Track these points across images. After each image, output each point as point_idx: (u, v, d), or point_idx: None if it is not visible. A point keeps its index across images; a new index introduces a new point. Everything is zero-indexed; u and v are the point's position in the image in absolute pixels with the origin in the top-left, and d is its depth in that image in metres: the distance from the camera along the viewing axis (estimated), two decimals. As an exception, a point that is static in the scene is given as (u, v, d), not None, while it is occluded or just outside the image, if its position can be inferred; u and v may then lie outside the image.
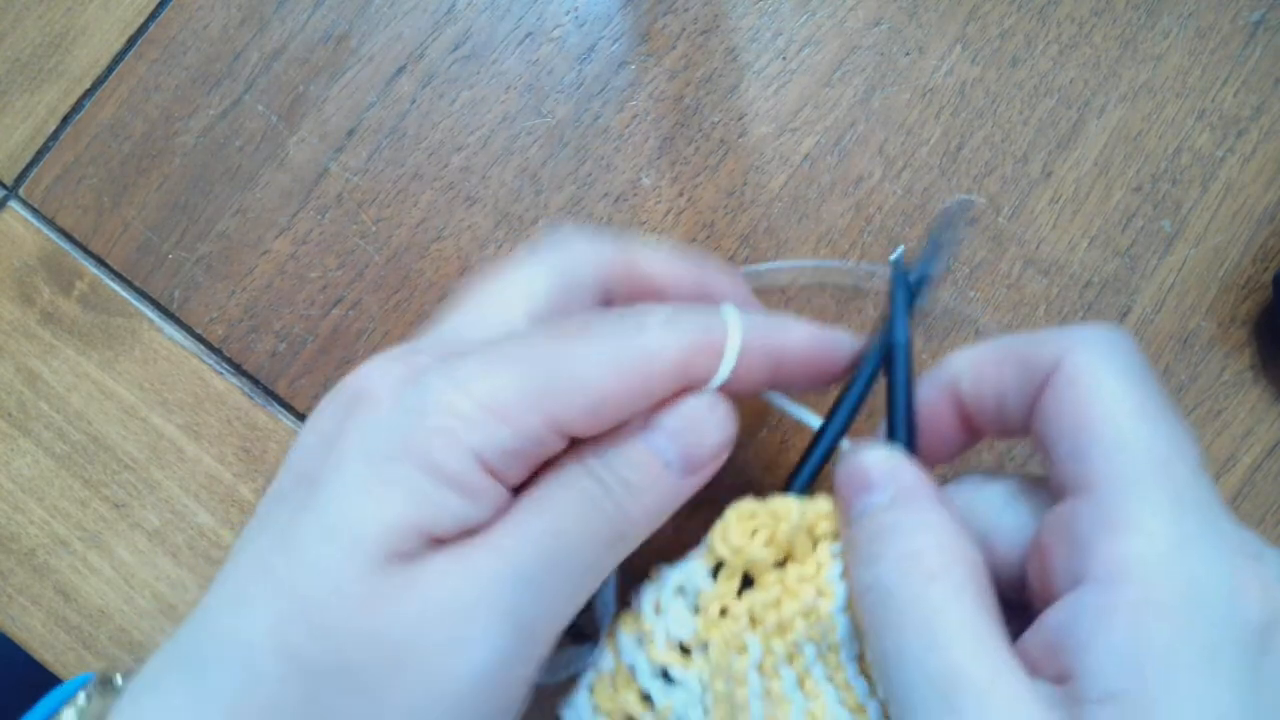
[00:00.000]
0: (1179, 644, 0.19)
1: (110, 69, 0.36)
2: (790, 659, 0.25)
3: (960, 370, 0.25)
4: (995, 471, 0.25)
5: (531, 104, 0.35)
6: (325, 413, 0.23)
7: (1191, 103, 0.34)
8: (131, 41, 0.36)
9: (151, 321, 0.35)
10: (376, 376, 0.23)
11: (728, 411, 0.25)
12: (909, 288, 0.27)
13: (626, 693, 0.26)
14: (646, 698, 0.26)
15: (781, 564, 0.25)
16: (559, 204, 0.34)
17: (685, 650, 0.25)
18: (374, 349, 0.34)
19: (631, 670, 0.26)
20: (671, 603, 0.25)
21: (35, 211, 0.35)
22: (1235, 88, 0.35)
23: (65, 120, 0.36)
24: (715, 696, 0.25)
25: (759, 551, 0.24)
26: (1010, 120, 0.35)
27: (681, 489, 0.24)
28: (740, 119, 0.35)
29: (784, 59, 0.35)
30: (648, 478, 0.24)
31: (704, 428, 0.24)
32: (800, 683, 0.25)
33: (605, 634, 0.26)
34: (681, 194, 0.35)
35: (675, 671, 0.25)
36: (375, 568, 0.21)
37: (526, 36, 0.35)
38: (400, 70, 0.35)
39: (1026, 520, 0.24)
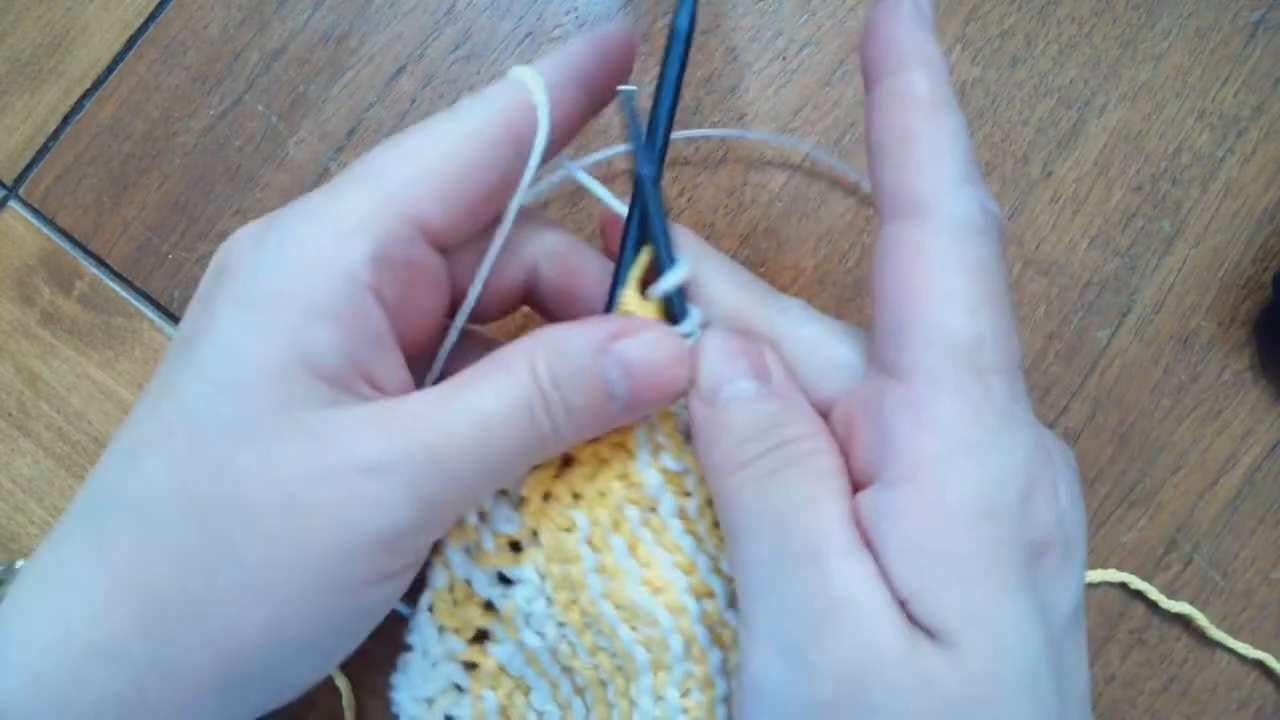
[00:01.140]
0: (968, 551, 0.20)
1: (110, 69, 0.36)
2: (616, 526, 0.25)
3: None
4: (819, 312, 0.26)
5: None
6: (201, 285, 0.24)
7: (1191, 103, 0.34)
8: (131, 41, 0.36)
9: (151, 321, 0.35)
10: (238, 238, 0.24)
11: (691, 358, 0.24)
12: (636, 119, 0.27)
13: (468, 606, 0.26)
14: (489, 605, 0.26)
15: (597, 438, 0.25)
16: (559, 204, 0.34)
17: (516, 547, 0.25)
18: (374, 349, 0.34)
19: (468, 583, 0.26)
20: (493, 505, 0.25)
21: (35, 211, 0.35)
22: (1235, 88, 0.35)
23: (65, 120, 0.36)
24: (555, 583, 0.25)
25: None
26: (1010, 120, 0.35)
27: (618, 420, 0.24)
28: (740, 119, 0.35)
29: (784, 59, 0.35)
30: (592, 405, 0.23)
31: (664, 372, 0.24)
32: (631, 550, 0.25)
33: (432, 552, 0.26)
34: (681, 194, 0.35)
35: (510, 571, 0.25)
36: (273, 409, 0.21)
37: (526, 36, 0.35)
38: (400, 70, 0.35)
39: (845, 375, 0.24)
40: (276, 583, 0.21)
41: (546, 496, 0.26)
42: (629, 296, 0.25)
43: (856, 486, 0.22)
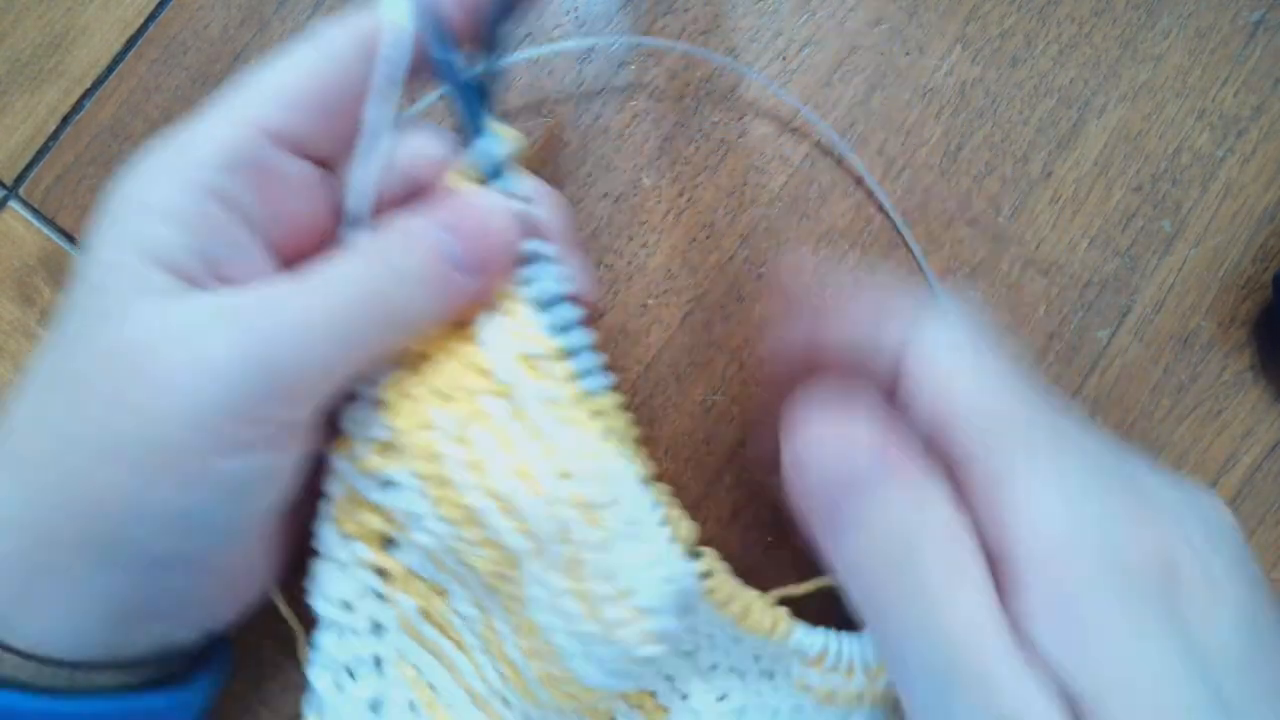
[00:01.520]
0: (1109, 619, 0.19)
1: (110, 69, 0.36)
2: (478, 418, 0.25)
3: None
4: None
5: (531, 104, 0.35)
6: None
7: (1191, 103, 0.35)
8: (131, 41, 0.36)
9: (151, 321, 0.35)
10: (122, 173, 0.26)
11: (516, 213, 0.26)
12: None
13: (363, 512, 0.27)
14: (382, 510, 0.27)
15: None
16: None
17: (389, 448, 0.26)
18: (374, 349, 0.34)
19: (357, 489, 0.27)
20: (364, 411, 0.26)
21: (35, 211, 0.35)
22: (1235, 88, 0.35)
23: (65, 120, 0.36)
24: (428, 482, 0.25)
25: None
26: (1010, 120, 0.35)
27: (466, 287, 0.25)
28: (740, 119, 0.35)
29: (784, 59, 0.35)
30: (428, 271, 0.25)
31: (491, 226, 0.25)
32: (500, 447, 0.25)
33: (328, 464, 0.27)
34: (681, 194, 0.35)
35: (387, 474, 0.26)
36: (122, 296, 0.23)
37: (526, 36, 0.35)
38: (400, 70, 0.35)
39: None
40: (129, 445, 0.22)
41: (407, 398, 0.26)
42: (455, 179, 0.26)
43: None
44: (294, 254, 0.26)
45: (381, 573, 0.28)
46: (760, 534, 0.33)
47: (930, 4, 0.35)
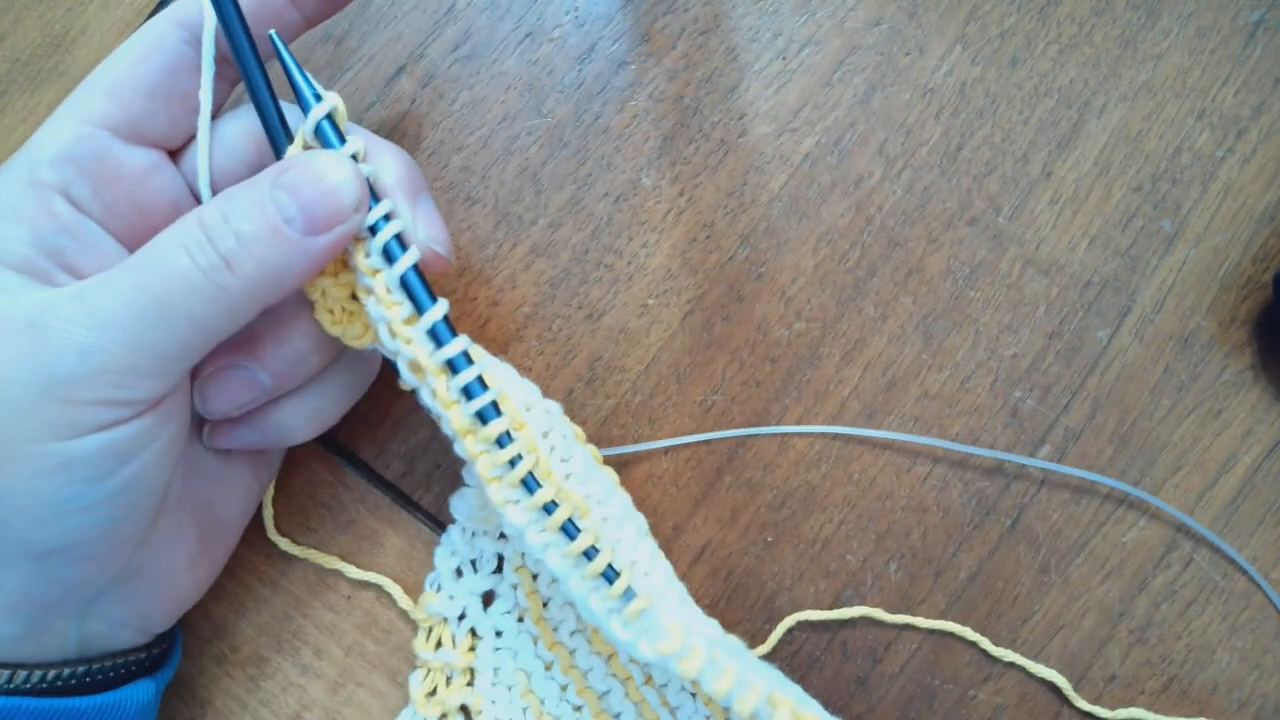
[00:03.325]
0: None
1: (110, 69, 0.36)
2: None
3: None
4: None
5: (531, 104, 0.35)
6: None
7: (1191, 103, 0.34)
8: (131, 41, 0.36)
9: (151, 321, 0.35)
10: None
11: (355, 171, 0.26)
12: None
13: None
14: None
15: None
16: (559, 204, 0.34)
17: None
18: (374, 349, 0.34)
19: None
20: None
21: (35, 211, 0.35)
22: (1235, 88, 0.35)
23: (65, 120, 0.36)
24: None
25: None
26: (1010, 120, 0.35)
27: (309, 250, 0.25)
28: (740, 119, 0.35)
29: (784, 59, 0.35)
30: (263, 232, 0.24)
31: (327, 183, 0.25)
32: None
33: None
34: (681, 194, 0.35)
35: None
36: None
37: (526, 36, 0.35)
38: (400, 70, 0.35)
39: None
40: None
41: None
42: (293, 149, 0.26)
43: None
44: (148, 239, 0.26)
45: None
46: (760, 534, 0.33)
47: (930, 4, 0.35)
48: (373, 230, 0.26)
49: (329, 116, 0.26)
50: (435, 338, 0.26)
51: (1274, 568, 0.33)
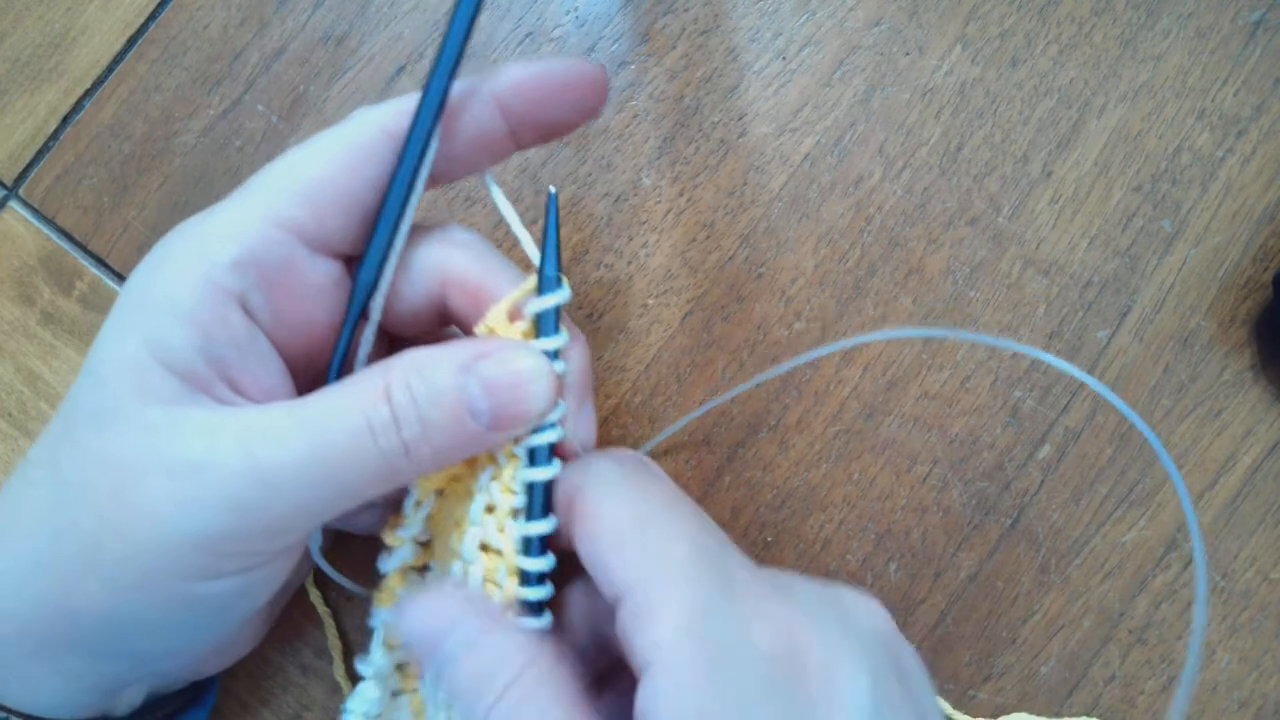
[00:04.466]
0: (709, 700, 0.20)
1: (110, 69, 0.36)
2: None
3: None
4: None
5: (531, 104, 0.35)
6: None
7: (1191, 103, 0.34)
8: (131, 41, 0.36)
9: (151, 321, 0.35)
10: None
11: (554, 378, 0.25)
12: None
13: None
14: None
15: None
16: (559, 204, 0.34)
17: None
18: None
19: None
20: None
21: (35, 211, 0.35)
22: (1235, 88, 0.35)
23: (65, 120, 0.36)
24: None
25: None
26: (1010, 120, 0.35)
27: (485, 442, 0.24)
28: (740, 119, 0.35)
29: (784, 59, 0.35)
30: (451, 423, 0.23)
31: (526, 389, 0.24)
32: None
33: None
34: (681, 194, 0.35)
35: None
36: (124, 398, 0.22)
37: (526, 36, 0.35)
38: (400, 70, 0.35)
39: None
40: (109, 561, 0.22)
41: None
42: (496, 317, 0.25)
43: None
44: (312, 353, 0.25)
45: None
46: (760, 534, 0.33)
47: (930, 4, 0.35)
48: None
49: (557, 306, 0.25)
50: (527, 547, 0.25)
51: (1274, 568, 0.33)
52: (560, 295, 0.25)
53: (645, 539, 0.23)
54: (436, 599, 0.24)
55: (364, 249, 0.25)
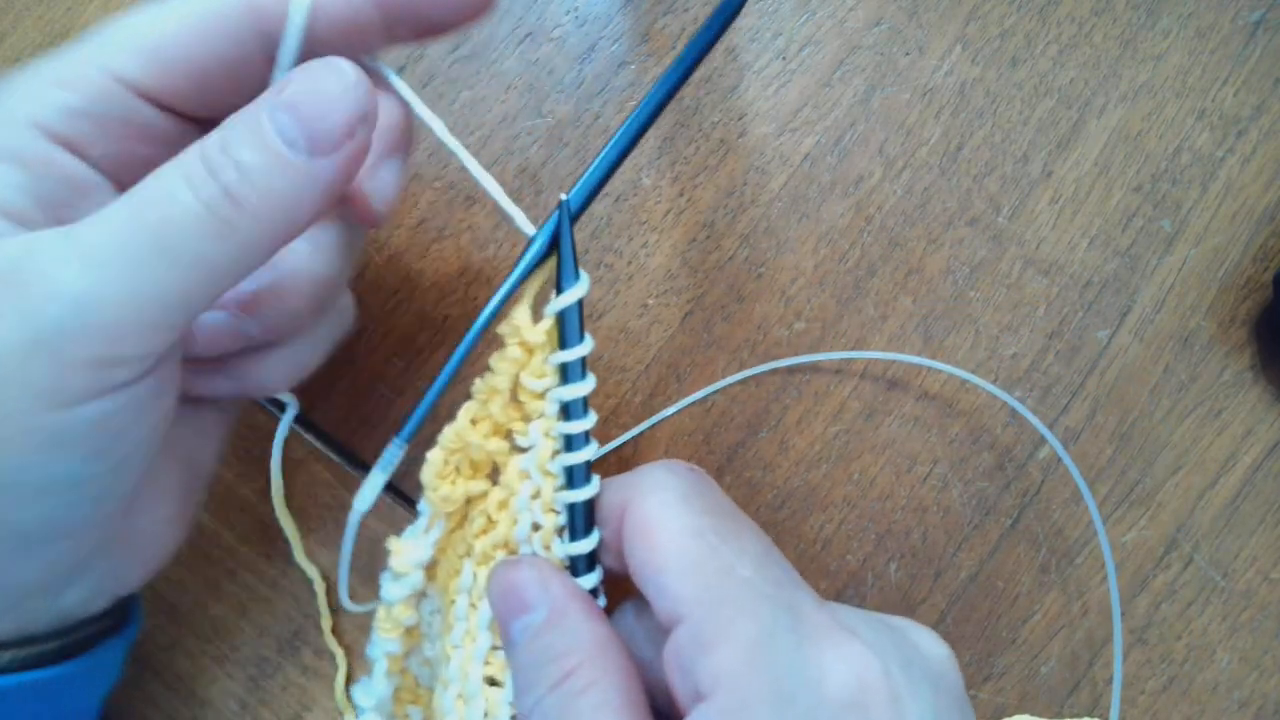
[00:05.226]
0: None
1: (110, 69, 0.36)
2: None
3: None
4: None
5: (531, 104, 0.35)
6: None
7: (1191, 103, 0.35)
8: (131, 41, 0.36)
9: (151, 321, 0.35)
10: None
11: (358, 78, 0.22)
12: None
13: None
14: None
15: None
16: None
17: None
18: (374, 349, 0.34)
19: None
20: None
21: (35, 211, 0.35)
22: (1235, 88, 0.35)
23: (65, 120, 0.36)
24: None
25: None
26: (1010, 120, 0.35)
27: (316, 175, 0.22)
28: (740, 119, 0.35)
29: (784, 59, 0.35)
30: (265, 159, 0.21)
31: (328, 96, 0.22)
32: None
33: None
34: (681, 194, 0.35)
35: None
36: None
37: (526, 36, 0.35)
38: (400, 70, 0.35)
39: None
40: None
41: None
42: (520, 315, 0.25)
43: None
44: None
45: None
46: (760, 534, 0.33)
47: (930, 4, 0.35)
48: (569, 442, 0.25)
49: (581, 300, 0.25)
50: (574, 566, 0.25)
51: (1274, 567, 0.33)
52: (580, 288, 0.25)
53: (706, 557, 0.22)
54: (524, 570, 0.24)
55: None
